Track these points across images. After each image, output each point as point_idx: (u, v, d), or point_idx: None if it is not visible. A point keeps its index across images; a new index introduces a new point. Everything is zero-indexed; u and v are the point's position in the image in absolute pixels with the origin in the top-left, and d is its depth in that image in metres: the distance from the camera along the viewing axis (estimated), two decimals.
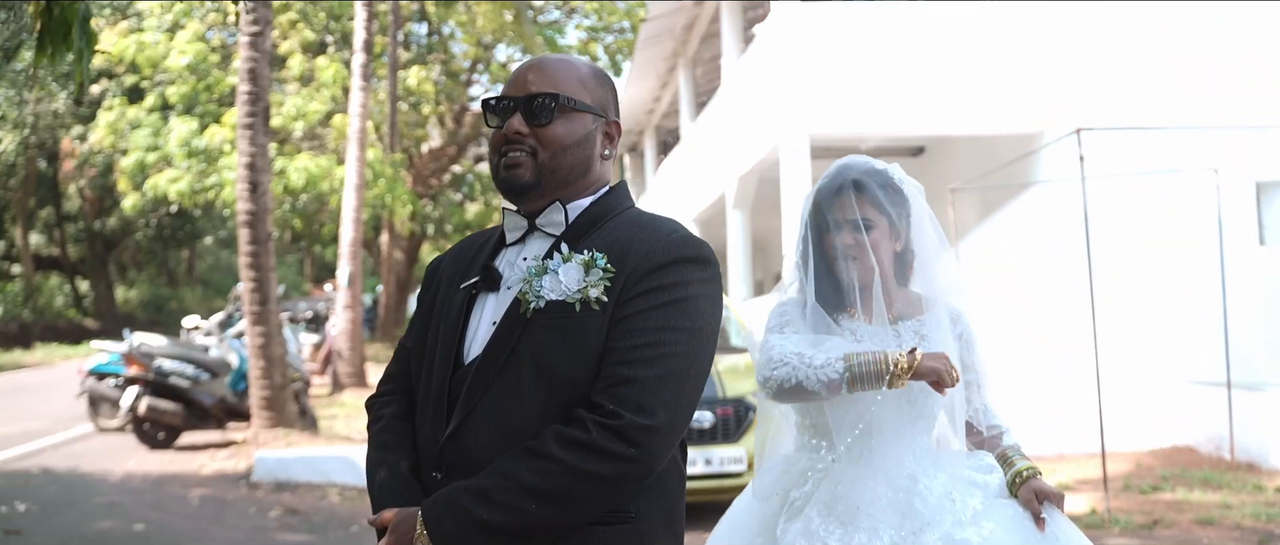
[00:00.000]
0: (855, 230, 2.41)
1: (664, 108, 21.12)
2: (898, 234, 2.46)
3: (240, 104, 9.54)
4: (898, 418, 2.40)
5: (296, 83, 22.53)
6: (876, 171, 2.46)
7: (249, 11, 9.44)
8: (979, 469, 2.46)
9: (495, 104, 1.79)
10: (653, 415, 1.59)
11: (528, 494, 1.57)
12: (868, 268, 2.41)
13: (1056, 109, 10.03)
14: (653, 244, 1.70)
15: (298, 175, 20.60)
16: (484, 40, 25.51)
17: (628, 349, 1.63)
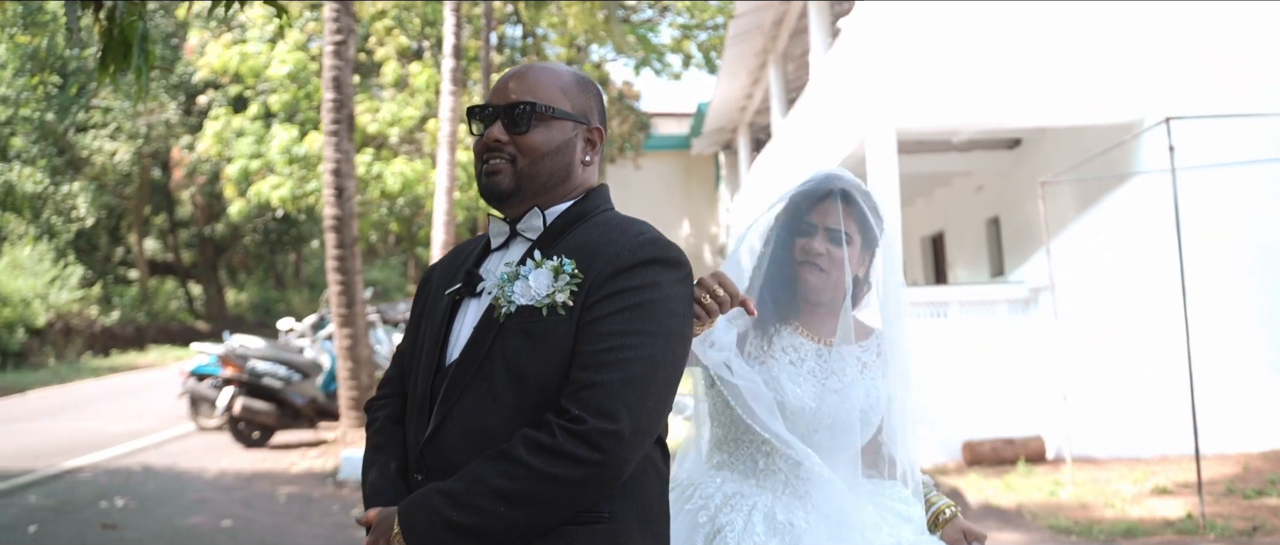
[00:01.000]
0: (833, 241, 2.26)
1: (756, 104, 20.98)
2: (865, 258, 2.33)
3: (325, 111, 9.75)
4: (829, 445, 2.24)
5: (392, 88, 22.97)
6: (864, 190, 2.32)
7: (333, 20, 9.63)
8: (902, 501, 2.28)
9: (479, 112, 1.83)
10: (615, 419, 1.60)
11: (496, 497, 1.59)
12: (836, 282, 2.27)
13: (1157, 96, 9.64)
14: (618, 247, 1.70)
15: (394, 179, 21.02)
16: (577, 41, 25.66)
17: (592, 353, 1.64)
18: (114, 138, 27.16)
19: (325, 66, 9.82)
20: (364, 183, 21.46)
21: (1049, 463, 9.40)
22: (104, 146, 26.98)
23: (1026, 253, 12.25)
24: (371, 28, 23.81)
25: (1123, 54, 10.13)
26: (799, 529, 2.19)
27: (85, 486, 8.45)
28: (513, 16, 26.13)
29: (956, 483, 8.77)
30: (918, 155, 13.30)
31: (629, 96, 26.29)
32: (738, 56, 18.20)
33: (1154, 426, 9.38)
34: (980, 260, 15.23)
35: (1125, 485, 8.16)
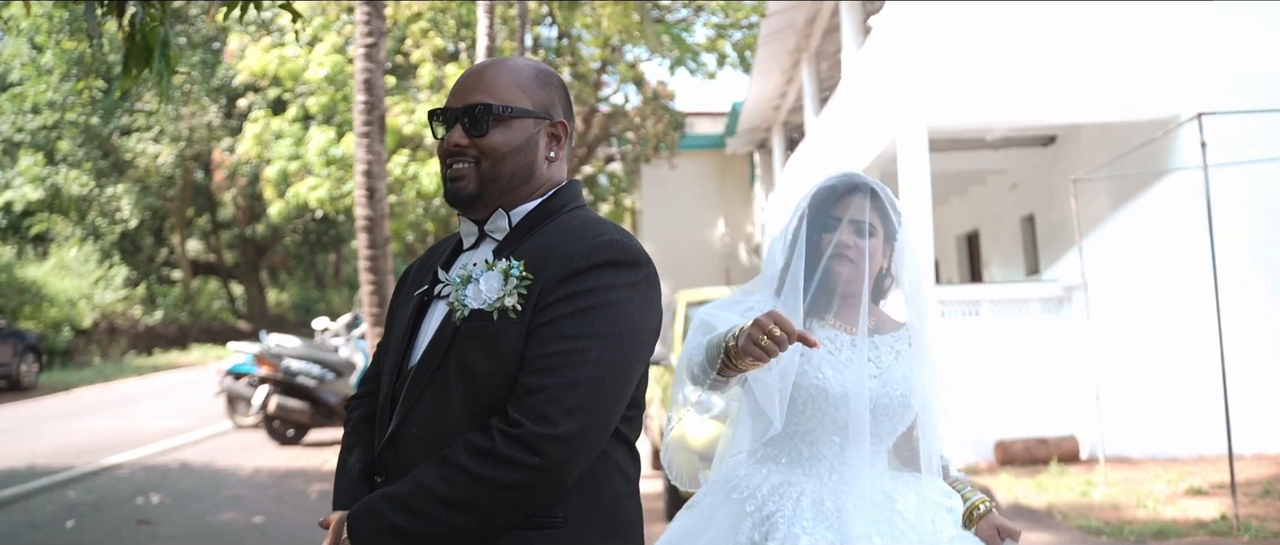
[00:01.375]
0: (857, 233, 2.32)
1: (790, 103, 20.92)
2: (887, 250, 2.38)
3: (357, 113, 9.84)
4: (872, 430, 2.30)
5: (427, 90, 23.14)
6: (883, 186, 2.40)
7: (364, 23, 9.74)
8: (940, 492, 2.34)
9: (439, 115, 1.81)
10: (555, 424, 1.58)
11: (437, 501, 1.59)
12: (860, 273, 2.34)
13: (1192, 92, 9.50)
14: (572, 249, 1.69)
15: (429, 180, 21.17)
16: (611, 42, 25.71)
17: (539, 357, 1.63)
18: (157, 141, 27.58)
19: (357, 69, 9.92)
20: (400, 184, 21.64)
21: (1083, 463, 9.31)
22: (147, 149, 27.41)
23: (1062, 251, 12.14)
24: (407, 30, 24.01)
25: (1159, 49, 10.01)
26: (847, 514, 2.24)
27: (123, 483, 8.61)
28: (548, 18, 26.24)
29: (987, 482, 8.71)
30: (951, 153, 13.21)
31: (663, 96, 26.30)
32: (771, 55, 18.16)
33: (1190, 426, 9.26)
34: (1015, 259, 15.09)
35: (1159, 486, 8.06)
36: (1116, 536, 6.62)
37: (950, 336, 10.50)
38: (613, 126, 26.80)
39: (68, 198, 26.33)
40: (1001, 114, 10.68)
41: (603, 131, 27.08)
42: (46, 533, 6.79)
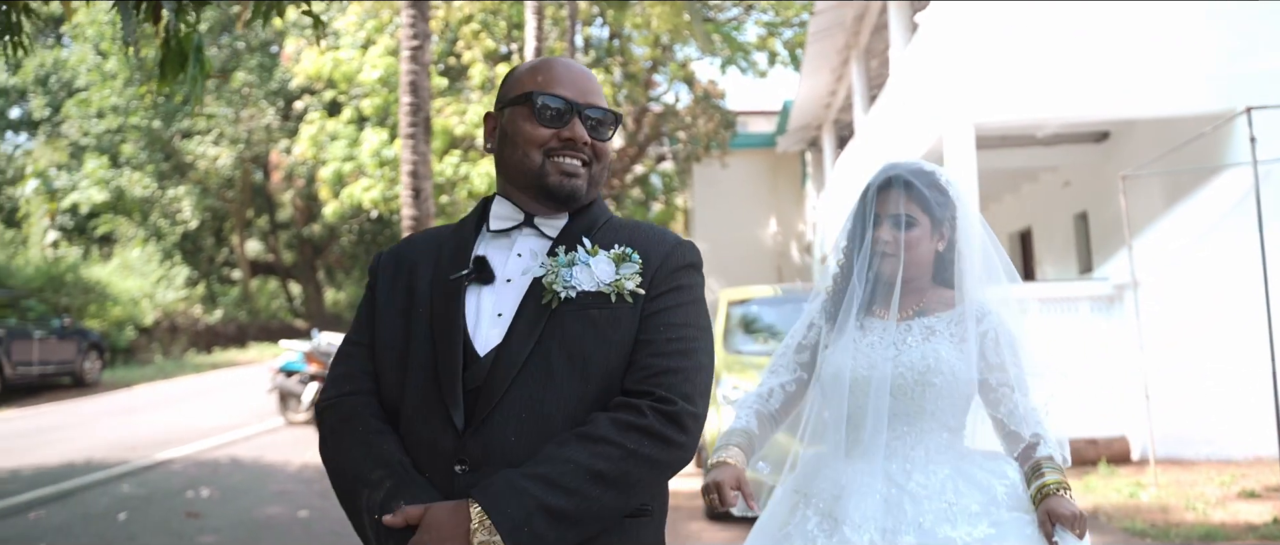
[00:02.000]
0: (895, 226, 2.41)
1: (840, 101, 20.79)
2: (942, 235, 2.44)
3: (403, 114, 9.97)
4: (892, 410, 2.38)
5: (478, 91, 23.35)
6: (924, 172, 2.46)
7: (409, 25, 9.87)
8: (992, 472, 2.34)
9: (556, 103, 1.78)
10: (696, 405, 1.67)
11: (590, 478, 1.57)
12: (912, 261, 2.42)
13: (1247, 85, 9.28)
14: (668, 246, 1.78)
15: (481, 180, 21.36)
16: (661, 41, 25.73)
17: (665, 341, 1.69)
18: (217, 143, 28.14)
19: (403, 71, 10.05)
20: (451, 184, 21.87)
21: (1134, 464, 9.15)
22: (207, 151, 27.98)
23: (1115, 249, 11.92)
24: (459, 32, 24.24)
25: (1212, 41, 9.80)
26: (848, 495, 2.38)
27: (175, 477, 8.81)
28: (598, 18, 26.34)
29: None
30: (1001, 150, 13.04)
31: (714, 95, 26.26)
32: (820, 53, 18.06)
33: (1245, 427, 9.05)
34: (1068, 257, 14.86)
35: (1211, 488, 7.90)
36: (1162, 539, 6.50)
37: None
38: (663, 126, 26.81)
39: (131, 199, 26.96)
40: (1051, 110, 10.53)
41: (653, 131, 27.11)
42: (99, 525, 6.98)
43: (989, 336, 2.40)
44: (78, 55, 26.82)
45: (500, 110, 1.84)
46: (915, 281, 2.45)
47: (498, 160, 1.84)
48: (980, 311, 2.42)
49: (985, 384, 2.40)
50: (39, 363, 16.15)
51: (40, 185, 26.58)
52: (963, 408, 2.41)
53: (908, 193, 2.40)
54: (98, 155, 26.93)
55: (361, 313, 1.84)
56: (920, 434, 2.39)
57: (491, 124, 1.87)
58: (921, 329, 2.41)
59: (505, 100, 1.83)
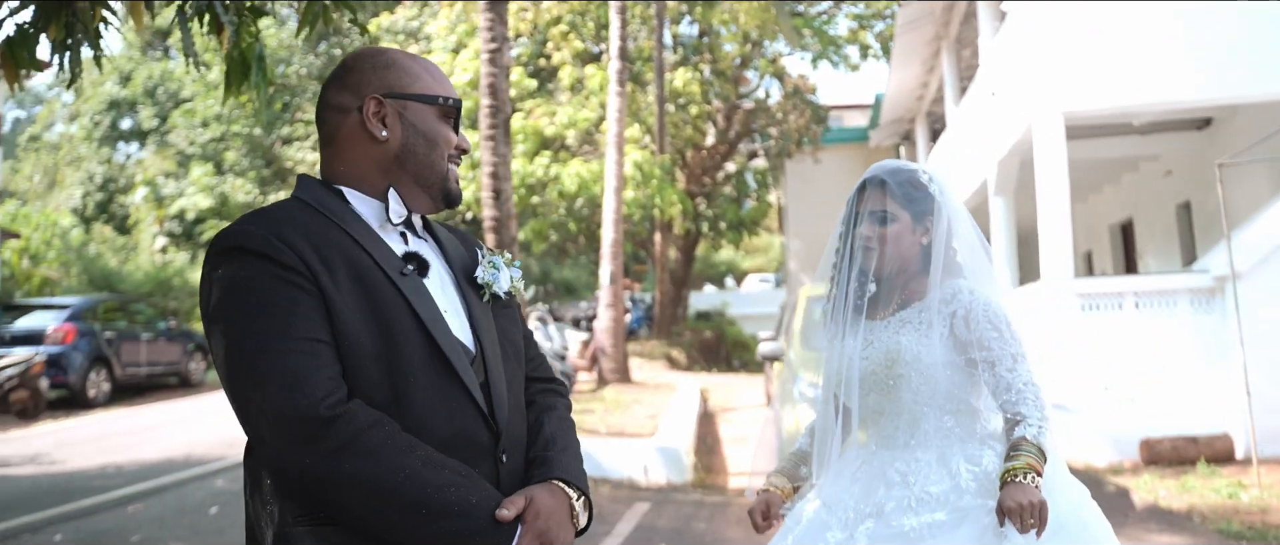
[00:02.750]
0: (874, 222, 2.47)
1: (932, 94, 20.40)
2: (925, 229, 2.48)
3: (482, 116, 10.11)
4: (874, 403, 2.47)
5: (568, 91, 23.55)
6: (903, 171, 2.52)
7: (487, 28, 10.00)
8: (968, 457, 2.38)
9: (457, 110, 1.79)
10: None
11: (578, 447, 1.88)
12: (895, 256, 2.48)
13: None
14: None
15: (571, 180, 21.55)
16: (750, 37, 25.62)
17: (529, 335, 1.99)
18: (315, 149, 28.94)
19: (482, 73, 10.19)
20: (542, 184, 22.11)
21: (1237, 463, 8.77)
22: (306, 157, 28.80)
23: (1219, 239, 11.48)
24: (548, 33, 24.49)
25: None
26: (825, 487, 2.53)
27: None
28: (688, 16, 26.34)
29: (1128, 483, 8.32)
30: (1097, 139, 12.66)
31: (805, 90, 26.02)
32: (909, 45, 17.74)
33: None
34: (1171, 249, 14.34)
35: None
36: (1259, 541, 6.23)
37: (1091, 331, 10.07)
38: (753, 122, 26.68)
39: (234, 205, 27.93)
40: (1146, 96, 10.19)
41: (743, 128, 27.00)
42: (191, 517, 7.23)
43: (959, 315, 2.41)
44: (183, 67, 27.86)
45: (392, 99, 1.72)
46: (901, 275, 2.50)
47: (398, 154, 1.72)
48: (950, 293, 2.43)
49: (971, 362, 2.39)
50: (147, 364, 16.83)
51: (149, 193, 27.70)
52: (957, 391, 2.42)
53: (884, 190, 2.47)
54: (203, 163, 27.96)
55: (301, 306, 1.57)
56: (911, 421, 2.43)
57: (377, 109, 1.71)
58: (898, 322, 2.47)
59: (399, 92, 1.73)
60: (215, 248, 1.61)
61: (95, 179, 30.85)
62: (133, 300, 18.53)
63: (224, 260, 1.59)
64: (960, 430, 2.42)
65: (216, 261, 1.60)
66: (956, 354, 2.39)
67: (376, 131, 1.71)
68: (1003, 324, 2.38)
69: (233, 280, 1.57)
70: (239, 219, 1.66)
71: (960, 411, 2.43)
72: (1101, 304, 10.21)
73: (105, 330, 15.90)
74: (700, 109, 24.89)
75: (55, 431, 12.65)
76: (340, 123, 1.74)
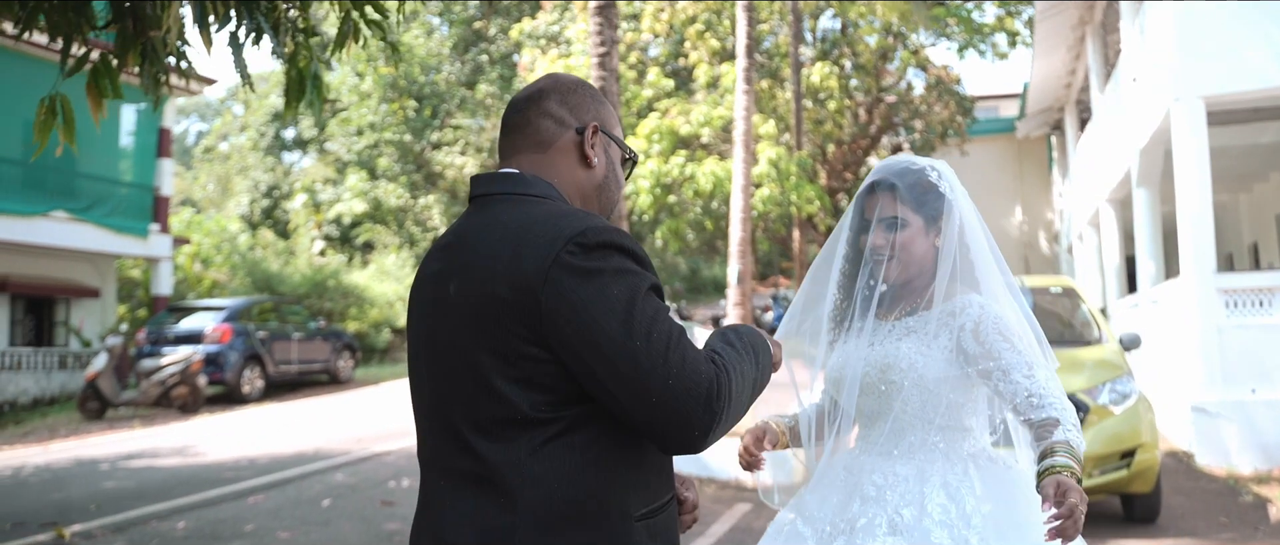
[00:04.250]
0: (887, 229, 2.39)
1: (1079, 81, 19.56)
2: (939, 230, 2.40)
3: None
4: (868, 409, 2.41)
5: (704, 90, 23.57)
6: (912, 170, 2.43)
7: (597, 33, 10.10)
8: (946, 485, 2.29)
9: (634, 159, 1.94)
10: None
11: None
12: (909, 262, 2.40)
13: None
14: None
15: (705, 179, 21.55)
16: (894, 29, 25.08)
17: None
18: (463, 153, 29.84)
19: (592, 77, 10.29)
20: (678, 183, 22.19)
21: None
22: (454, 161, 29.71)
23: None
24: (685, 32, 24.57)
25: None
26: (805, 494, 2.51)
27: (385, 467, 9.43)
28: (830, 10, 25.97)
29: (1269, 493, 7.81)
30: (1256, 124, 11.88)
31: (947, 81, 25.31)
32: (1052, 30, 17.05)
33: None
34: None
35: None
36: None
37: (1236, 331, 9.48)
38: (896, 115, 26.11)
39: (387, 209, 29.05)
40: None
41: (886, 121, 26.46)
42: (305, 509, 7.59)
43: (966, 329, 2.31)
44: (339, 77, 29.20)
45: (603, 134, 1.84)
46: (916, 281, 2.43)
47: (601, 184, 1.84)
48: (960, 305, 2.34)
49: (984, 373, 2.29)
50: (298, 361, 17.71)
51: (307, 199, 29.10)
52: (950, 407, 2.33)
53: (894, 194, 2.38)
54: (357, 169, 29.16)
55: (663, 303, 1.70)
56: (897, 431, 2.37)
57: (594, 136, 1.82)
58: (903, 329, 2.41)
59: (609, 129, 1.85)
60: (594, 241, 1.60)
61: (260, 186, 32.66)
62: (287, 302, 19.52)
63: (610, 255, 1.61)
64: (945, 447, 2.35)
65: (600, 253, 1.60)
66: (962, 368, 2.31)
67: (592, 157, 1.80)
68: (1015, 335, 2.29)
69: (626, 272, 1.61)
70: (584, 218, 1.64)
71: (950, 428, 2.36)
72: (1247, 301, 9.62)
73: (259, 330, 16.83)
74: (838, 103, 24.51)
75: (209, 425, 13.47)
76: (558, 134, 1.79)
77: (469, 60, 29.57)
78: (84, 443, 12.09)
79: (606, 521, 1.61)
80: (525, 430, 1.58)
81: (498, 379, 1.59)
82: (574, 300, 1.56)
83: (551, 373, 1.58)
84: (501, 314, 1.59)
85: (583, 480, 1.60)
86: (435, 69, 28.76)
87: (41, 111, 3.96)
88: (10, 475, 9.70)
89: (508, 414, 1.59)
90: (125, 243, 18.08)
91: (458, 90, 29.52)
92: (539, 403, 1.59)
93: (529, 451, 1.58)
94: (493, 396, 1.59)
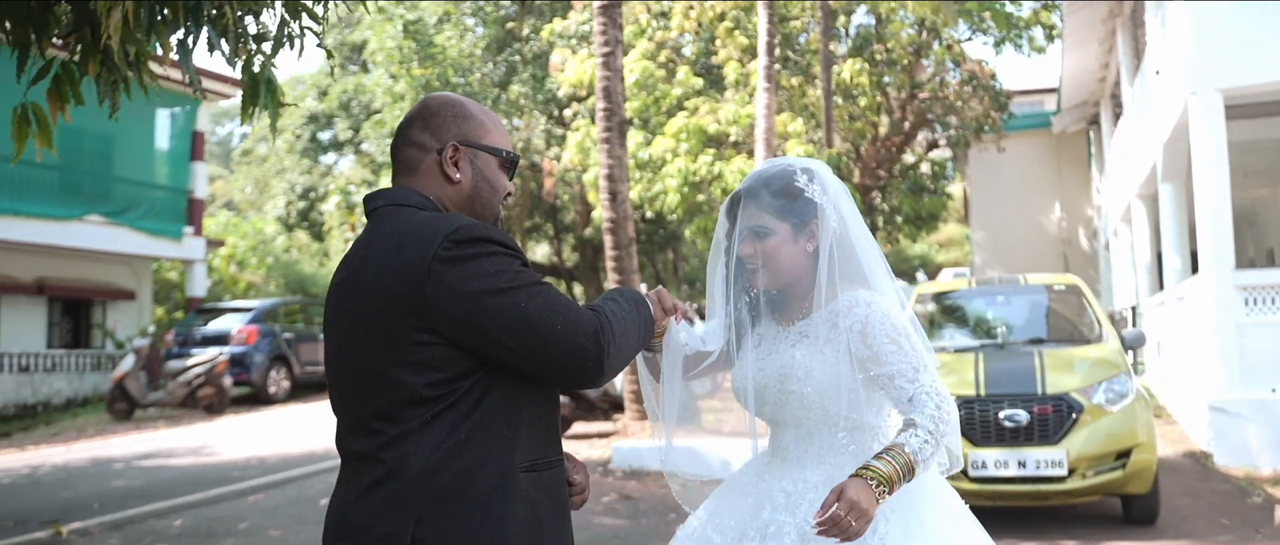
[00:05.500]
0: (753, 238, 2.37)
1: (1114, 75, 19.24)
2: (811, 235, 2.37)
3: (599, 119, 10.23)
4: (772, 417, 2.41)
5: (733, 88, 23.48)
6: (776, 178, 2.40)
7: (601, 33, 10.12)
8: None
9: (513, 159, 2.07)
10: None
11: None
12: (784, 270, 2.38)
13: None
14: None
15: (733, 177, 21.47)
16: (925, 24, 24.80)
17: None
18: None
19: (598, 77, 10.31)
20: (705, 182, 22.13)
21: None
22: None
23: None
24: (715, 30, 24.49)
25: None
26: (716, 504, 2.48)
27: None
28: (863, 6, 25.74)
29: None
30: (1252, 121, 11.61)
31: (981, 76, 24.97)
32: (1081, 24, 16.80)
33: None
34: None
35: None
36: None
37: (1256, 329, 9.27)
38: (929, 112, 25.83)
39: None
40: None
41: (919, 118, 26.18)
42: (303, 508, 7.62)
43: (855, 330, 2.29)
44: (374, 79, 29.41)
45: (466, 147, 1.99)
46: (796, 286, 2.40)
47: (469, 194, 2.00)
48: (847, 304, 2.32)
49: (871, 381, 2.29)
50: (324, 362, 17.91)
51: (341, 201, 29.40)
52: (852, 408, 2.32)
53: (758, 203, 2.37)
54: (389, 170, 29.34)
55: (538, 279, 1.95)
56: (804, 436, 2.36)
57: (454, 154, 1.98)
58: (796, 335, 2.38)
59: (474, 141, 2.00)
60: (466, 236, 1.81)
61: (296, 189, 33.05)
62: (314, 303, 19.73)
63: (481, 245, 1.82)
64: (856, 448, 2.33)
65: (472, 245, 1.81)
66: (855, 371, 2.29)
67: (452, 174, 1.97)
68: (902, 336, 2.27)
69: (497, 255, 1.83)
70: (451, 220, 1.86)
71: (858, 428, 2.34)
72: (1266, 298, 9.40)
73: (285, 331, 17.04)
74: (869, 100, 24.30)
75: (232, 425, 13.67)
76: (421, 159, 1.99)
77: (502, 61, 29.69)
78: (107, 443, 12.33)
79: (492, 472, 1.80)
80: (418, 407, 1.78)
81: (392, 366, 1.79)
82: (457, 286, 1.77)
83: (441, 354, 1.78)
84: (392, 308, 1.79)
85: (471, 442, 1.80)
86: (468, 70, 28.89)
87: (15, 119, 4.04)
88: (27, 474, 9.92)
89: (403, 396, 1.78)
90: (160, 245, 18.40)
91: (491, 91, 29.65)
92: (432, 382, 1.78)
93: (421, 425, 1.78)
94: (389, 383, 1.79)
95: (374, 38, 28.15)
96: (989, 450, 6.53)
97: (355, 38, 32.60)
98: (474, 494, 1.78)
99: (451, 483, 1.77)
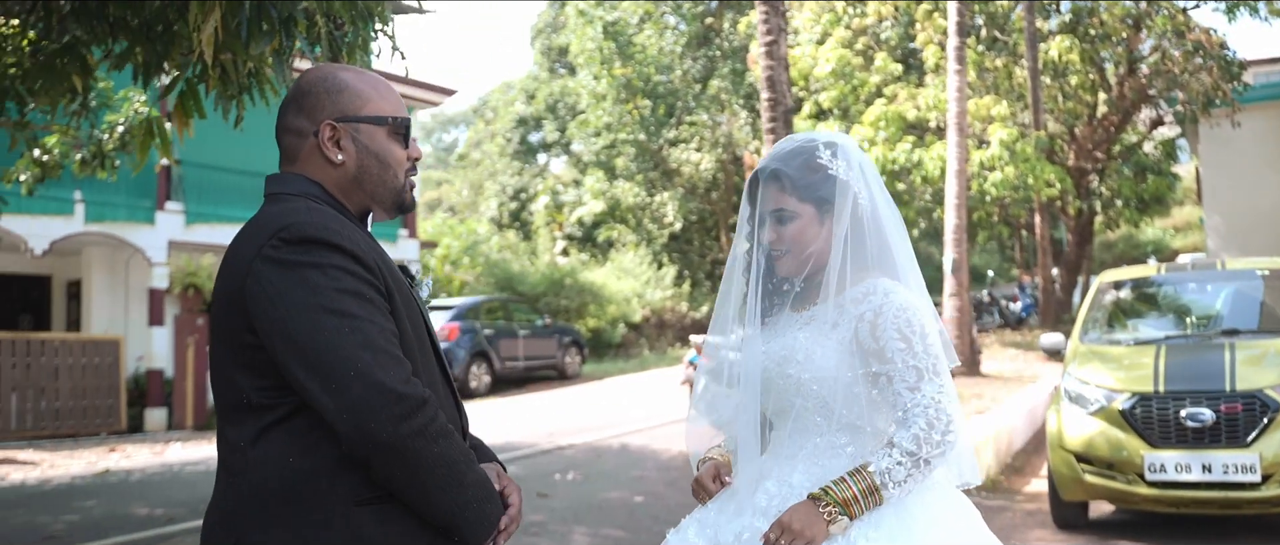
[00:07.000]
0: (776, 223, 2.20)
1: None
2: (836, 217, 2.19)
3: (763, 109, 10.11)
4: (773, 407, 2.24)
5: (931, 73, 22.73)
6: (797, 154, 2.22)
7: (763, 21, 10.00)
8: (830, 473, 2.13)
9: (407, 126, 1.90)
10: None
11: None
12: (807, 257, 2.20)
13: None
14: None
15: (933, 165, 20.77)
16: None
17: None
18: (699, 149, 30.17)
19: (760, 67, 10.21)
20: (905, 171, 21.51)
21: None
22: (691, 157, 30.08)
23: None
24: (913, 14, 23.78)
25: None
26: (709, 502, 2.31)
27: (560, 461, 9.74)
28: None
29: None
30: None
31: (1209, 46, 23.06)
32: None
33: None
34: None
35: None
36: None
37: None
38: (1150, 87, 24.10)
39: (624, 208, 29.79)
40: None
41: (1140, 94, 24.47)
42: None
43: (866, 320, 2.12)
44: (577, 82, 30.20)
45: (344, 123, 1.83)
46: (820, 275, 2.21)
47: (355, 175, 1.84)
48: (863, 292, 2.15)
49: (872, 377, 2.13)
50: (524, 358, 18.56)
51: (549, 201, 30.35)
52: (854, 406, 2.16)
53: (780, 184, 2.19)
54: (596, 169, 30.09)
55: (381, 304, 1.72)
56: (800, 431, 2.19)
57: (332, 134, 1.83)
58: (805, 319, 2.21)
59: (351, 115, 1.84)
60: (296, 236, 1.66)
61: (507, 190, 34.36)
62: (515, 301, 20.46)
63: (312, 249, 1.67)
64: (855, 451, 2.15)
65: (302, 247, 1.66)
66: (858, 364, 2.14)
67: (333, 156, 1.83)
68: (915, 334, 2.09)
69: (326, 266, 1.66)
70: (298, 214, 1.72)
71: (860, 430, 2.17)
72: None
73: (485, 328, 17.76)
74: (1081, 78, 22.94)
75: None
76: (300, 145, 1.85)
77: (701, 56, 29.86)
78: None
79: (324, 504, 1.64)
80: (252, 414, 1.67)
81: (230, 366, 1.70)
82: (270, 291, 1.63)
83: (265, 359, 1.65)
84: (228, 304, 1.70)
85: (302, 464, 1.65)
86: (669, 67, 29.22)
87: (139, 133, 4.43)
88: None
89: (237, 399, 1.69)
90: None
91: (692, 87, 29.86)
92: (260, 388, 1.66)
93: (254, 435, 1.67)
94: (228, 383, 1.71)
95: (576, 41, 28.91)
96: (1168, 452, 6.05)
97: (560, 41, 33.59)
98: (301, 523, 1.63)
99: (278, 510, 1.64)
